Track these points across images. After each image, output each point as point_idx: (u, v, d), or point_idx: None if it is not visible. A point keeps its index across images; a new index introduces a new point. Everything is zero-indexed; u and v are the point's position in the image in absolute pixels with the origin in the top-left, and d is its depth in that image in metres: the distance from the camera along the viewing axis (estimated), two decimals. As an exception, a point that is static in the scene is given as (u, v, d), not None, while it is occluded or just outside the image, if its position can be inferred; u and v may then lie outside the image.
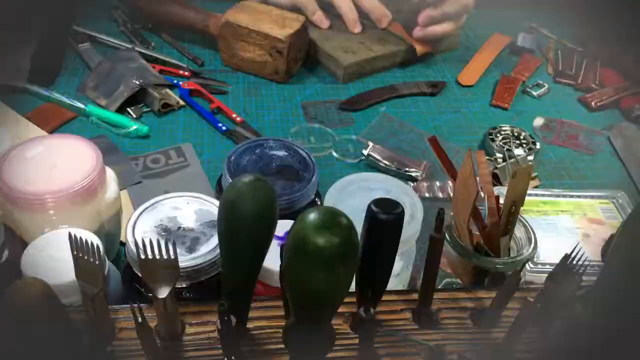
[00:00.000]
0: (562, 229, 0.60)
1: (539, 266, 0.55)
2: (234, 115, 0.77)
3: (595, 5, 1.21)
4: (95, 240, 0.42)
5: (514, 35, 0.98)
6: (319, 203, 0.55)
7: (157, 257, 0.36)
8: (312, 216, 0.31)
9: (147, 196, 0.64)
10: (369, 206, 0.38)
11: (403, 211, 0.38)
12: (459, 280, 0.52)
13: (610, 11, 1.15)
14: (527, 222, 0.50)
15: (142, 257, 0.36)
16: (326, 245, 0.30)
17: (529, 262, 0.54)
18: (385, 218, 0.37)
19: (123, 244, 0.58)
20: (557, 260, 0.55)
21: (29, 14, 0.91)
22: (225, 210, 0.36)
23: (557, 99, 0.87)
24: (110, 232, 0.53)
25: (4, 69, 0.78)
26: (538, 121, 0.82)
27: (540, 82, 0.89)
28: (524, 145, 0.75)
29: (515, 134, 0.76)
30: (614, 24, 1.08)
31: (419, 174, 0.71)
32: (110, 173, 0.53)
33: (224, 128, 0.75)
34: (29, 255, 0.44)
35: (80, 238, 0.36)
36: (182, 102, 0.79)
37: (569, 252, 0.41)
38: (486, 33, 1.00)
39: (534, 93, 0.87)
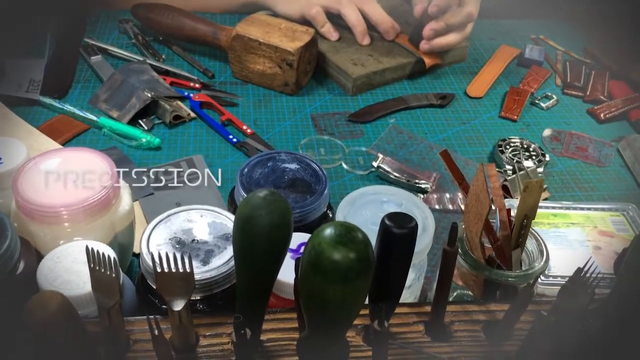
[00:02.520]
0: (573, 241, 0.60)
1: (551, 279, 0.55)
2: (244, 127, 0.78)
3: (602, 16, 1.21)
4: (111, 253, 0.43)
5: (522, 47, 0.99)
6: (330, 215, 0.55)
7: (173, 270, 0.36)
8: (328, 231, 0.31)
9: (158, 208, 0.65)
10: (382, 220, 0.38)
11: (416, 225, 0.38)
12: (470, 292, 0.52)
13: (617, 23, 1.15)
14: (538, 235, 0.50)
15: (158, 270, 0.36)
16: (342, 260, 0.31)
17: (541, 275, 0.54)
18: (398, 232, 0.38)
19: (136, 255, 0.59)
20: (568, 273, 0.55)
21: (41, 27, 0.93)
22: (240, 224, 0.36)
23: (565, 111, 0.87)
24: (124, 244, 0.54)
25: (18, 82, 0.79)
26: (547, 132, 0.82)
27: (549, 93, 0.89)
28: (534, 157, 0.75)
29: (525, 146, 0.77)
30: (621, 35, 1.09)
31: (428, 185, 0.71)
32: (124, 185, 0.54)
33: (234, 140, 0.76)
34: (45, 267, 0.45)
35: (97, 251, 0.37)
36: (192, 114, 0.80)
37: (581, 266, 0.41)
38: (494, 45, 1.01)
39: (543, 105, 0.87)
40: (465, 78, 0.93)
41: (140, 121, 0.77)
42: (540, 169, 0.74)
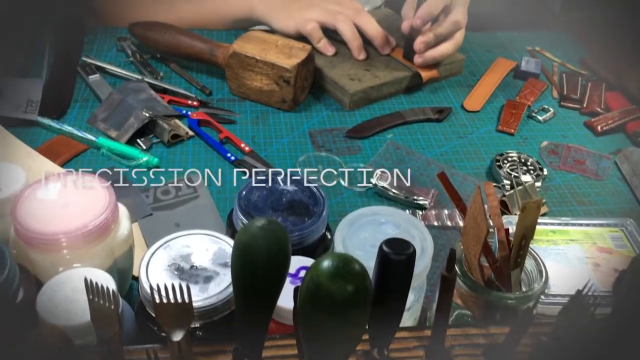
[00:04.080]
0: (572, 258, 0.60)
1: (550, 297, 0.55)
2: (242, 145, 0.78)
3: (598, 27, 1.22)
4: (110, 283, 0.43)
5: (518, 59, 0.99)
6: (329, 237, 0.55)
7: (172, 300, 0.36)
8: (326, 264, 0.31)
9: (157, 229, 0.66)
10: (380, 247, 0.38)
11: (414, 251, 0.38)
12: (470, 312, 0.52)
13: (612, 33, 1.16)
14: (537, 254, 0.50)
15: (157, 300, 0.36)
16: (340, 292, 0.31)
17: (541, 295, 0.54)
18: (397, 259, 0.38)
19: (135, 279, 0.59)
20: (568, 292, 0.55)
21: (38, 46, 0.93)
22: (239, 253, 0.36)
23: (563, 124, 0.88)
24: (123, 268, 0.54)
25: (16, 102, 0.79)
26: (544, 145, 0.82)
27: (546, 106, 0.89)
28: (532, 172, 0.75)
29: (523, 160, 0.77)
30: (616, 46, 1.09)
31: (427, 202, 0.71)
32: (122, 209, 0.54)
33: (232, 158, 0.76)
34: (44, 295, 0.45)
35: (96, 283, 0.37)
36: (191, 133, 0.80)
37: (580, 287, 0.41)
38: (490, 57, 1.01)
39: (540, 118, 0.87)
40: (462, 91, 0.93)
41: (138, 140, 0.77)
42: (538, 184, 0.74)
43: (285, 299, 0.42)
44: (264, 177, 0.56)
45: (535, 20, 1.30)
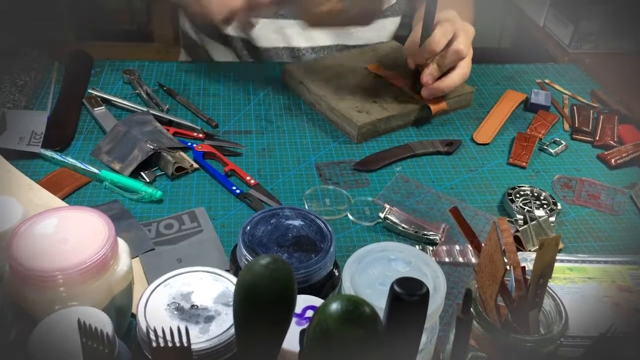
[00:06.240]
0: (590, 297, 0.57)
1: (570, 339, 0.52)
2: (247, 178, 0.77)
3: (607, 59, 1.21)
4: (106, 325, 0.41)
5: (528, 91, 0.98)
6: (337, 274, 0.53)
7: (170, 344, 0.34)
8: (335, 306, 0.29)
9: (159, 264, 0.63)
10: (391, 287, 0.36)
11: (428, 291, 0.36)
12: (485, 354, 0.49)
13: (622, 66, 1.15)
14: (555, 294, 0.48)
15: (154, 345, 0.34)
16: (351, 337, 0.29)
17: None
18: (409, 300, 0.35)
19: (134, 316, 0.57)
20: (587, 333, 0.53)
21: (44, 78, 0.93)
22: (241, 293, 0.34)
23: (575, 157, 0.86)
24: (122, 306, 0.52)
25: (19, 134, 0.78)
26: (557, 179, 0.80)
27: (557, 139, 0.88)
28: (545, 206, 0.73)
29: (535, 194, 0.75)
30: (628, 79, 1.08)
31: (437, 237, 0.69)
32: (122, 244, 0.52)
33: (237, 191, 0.74)
34: (38, 335, 0.42)
35: (90, 325, 0.35)
36: (195, 165, 0.78)
37: (604, 331, 0.39)
38: (499, 90, 1.00)
39: (552, 150, 0.86)
40: (472, 124, 0.91)
41: (142, 173, 0.76)
42: (552, 218, 0.71)
43: (291, 341, 0.40)
44: (269, 212, 0.54)
45: (544, 52, 1.30)
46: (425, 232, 0.69)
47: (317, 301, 0.46)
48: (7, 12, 1.05)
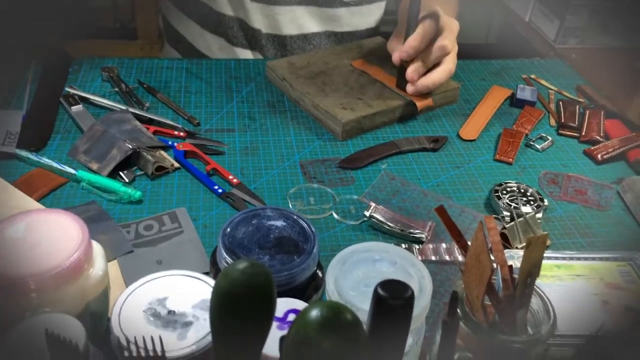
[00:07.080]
0: (578, 295, 0.56)
1: (558, 338, 0.51)
2: (230, 177, 0.75)
3: (593, 54, 1.21)
4: (79, 333, 0.38)
5: (514, 87, 0.97)
6: (320, 275, 0.52)
7: (143, 355, 0.33)
8: (315, 313, 0.28)
9: (138, 267, 0.62)
10: (375, 290, 0.35)
11: (413, 294, 0.35)
12: (472, 355, 0.48)
13: (608, 61, 1.14)
14: (543, 293, 0.46)
15: (126, 354, 0.33)
16: (332, 347, 0.27)
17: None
18: (394, 303, 0.34)
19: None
20: (576, 331, 0.52)
21: (20, 76, 0.90)
22: (218, 301, 0.33)
23: (561, 152, 0.85)
24: (97, 311, 0.50)
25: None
26: (544, 175, 0.79)
27: (544, 134, 0.87)
28: (532, 203, 0.72)
29: (522, 190, 0.74)
30: (613, 74, 1.08)
31: (424, 235, 0.67)
32: (97, 248, 0.50)
33: (220, 191, 0.73)
34: (7, 344, 0.41)
35: (58, 335, 0.33)
36: (176, 165, 0.76)
37: (593, 331, 0.38)
38: (485, 86, 0.99)
39: (538, 146, 0.85)
40: (458, 120, 0.90)
41: (121, 173, 0.74)
42: (539, 215, 0.70)
43: (271, 347, 0.39)
44: (250, 213, 0.52)
45: (530, 48, 1.30)
46: (411, 231, 0.68)
47: (300, 304, 0.44)
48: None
